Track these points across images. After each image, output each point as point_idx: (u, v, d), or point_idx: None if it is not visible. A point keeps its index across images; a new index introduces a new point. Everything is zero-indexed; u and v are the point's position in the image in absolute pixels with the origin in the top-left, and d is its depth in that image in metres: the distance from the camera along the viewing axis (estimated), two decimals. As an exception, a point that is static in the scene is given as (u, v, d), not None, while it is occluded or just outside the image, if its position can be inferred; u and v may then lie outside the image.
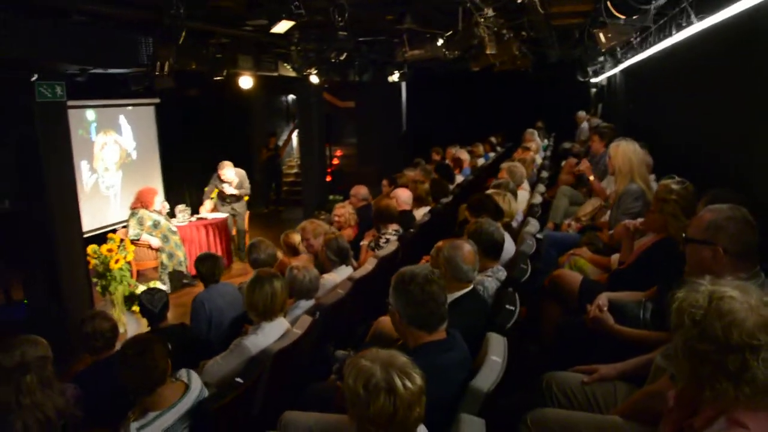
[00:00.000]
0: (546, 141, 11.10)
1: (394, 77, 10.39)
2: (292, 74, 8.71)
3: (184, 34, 5.01)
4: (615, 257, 3.89)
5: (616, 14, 3.88)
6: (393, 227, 5.52)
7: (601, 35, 4.93)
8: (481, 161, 9.91)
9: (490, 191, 5.00)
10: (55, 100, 5.71)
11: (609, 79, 11.17)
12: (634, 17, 4.03)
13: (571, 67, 11.23)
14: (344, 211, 5.89)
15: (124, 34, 5.77)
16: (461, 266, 3.14)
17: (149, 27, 5.52)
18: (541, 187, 6.22)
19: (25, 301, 5.74)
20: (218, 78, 7.29)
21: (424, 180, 6.72)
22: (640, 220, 3.71)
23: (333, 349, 4.06)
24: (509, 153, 10.13)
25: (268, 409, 3.03)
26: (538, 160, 8.60)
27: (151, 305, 3.97)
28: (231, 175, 8.69)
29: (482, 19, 5.00)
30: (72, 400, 3.11)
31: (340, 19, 4.96)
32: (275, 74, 8.58)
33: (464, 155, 8.89)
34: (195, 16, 5.26)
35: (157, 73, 5.50)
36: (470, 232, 3.65)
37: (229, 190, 8.72)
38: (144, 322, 4.34)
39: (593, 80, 11.69)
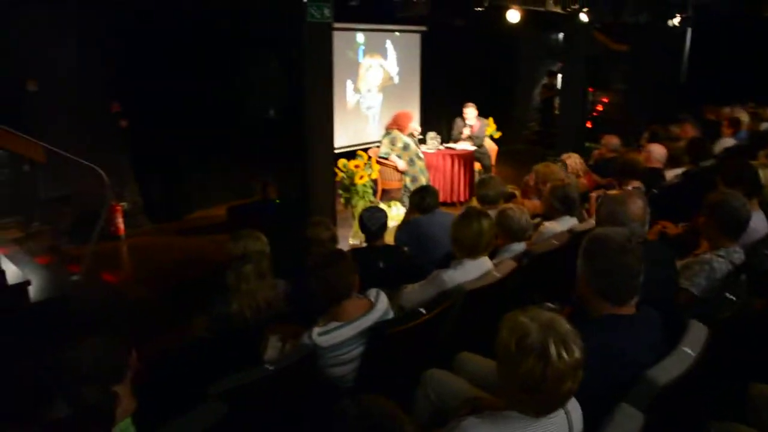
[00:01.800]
0: None
1: (675, 21, 9.26)
2: (559, 10, 8.24)
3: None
4: None
5: None
6: (634, 184, 5.04)
7: None
8: (765, 126, 8.53)
9: (758, 161, 4.30)
10: (323, 21, 6.08)
11: None
12: None
13: None
14: (571, 160, 5.54)
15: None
16: (627, 223, 2.80)
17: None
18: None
19: (277, 201, 6.38)
20: (480, 9, 7.16)
21: (681, 137, 5.99)
22: None
23: (541, 300, 3.89)
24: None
25: (455, 346, 3.00)
26: (842, 131, 7.15)
27: (369, 223, 4.14)
28: (472, 116, 8.85)
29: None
30: (281, 295, 3.41)
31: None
32: (541, 9, 8.18)
33: (743, 116, 7.70)
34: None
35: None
36: (711, 203, 3.18)
37: (466, 132, 8.98)
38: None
39: None
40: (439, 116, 10.76)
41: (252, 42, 6.84)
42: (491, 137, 9.55)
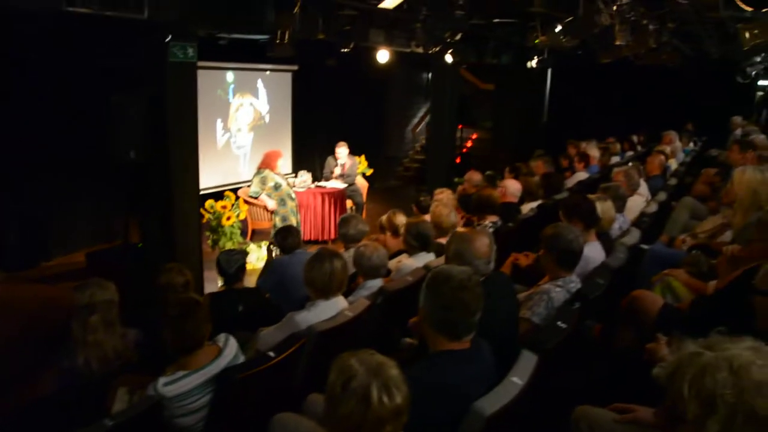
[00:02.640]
0: (691, 145, 10.19)
1: (532, 63, 9.96)
2: (422, 51, 8.59)
3: (299, 3, 5.06)
4: (713, 284, 3.48)
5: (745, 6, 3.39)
6: (491, 219, 5.30)
7: (746, 33, 4.39)
8: (615, 159, 9.28)
9: (594, 195, 4.66)
10: (187, 60, 6.01)
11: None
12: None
13: (733, 67, 10.14)
14: (443, 195, 5.77)
15: (251, 1, 5.96)
16: (472, 261, 2.97)
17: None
18: (662, 195, 5.69)
19: (140, 245, 6.17)
20: (346, 50, 7.35)
21: (535, 172, 6.41)
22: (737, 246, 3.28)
23: (399, 336, 3.98)
24: (649, 154, 9.41)
25: (308, 389, 3.01)
26: (674, 165, 7.90)
27: (226, 266, 4.11)
28: (344, 154, 9.05)
29: (610, 5, 4.58)
30: (131, 344, 3.30)
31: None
32: (406, 50, 8.50)
33: (593, 151, 8.33)
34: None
35: (277, 41, 5.62)
36: (547, 237, 3.41)
37: (337, 171, 9.13)
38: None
39: (763, 82, 10.50)
40: (311, 155, 10.86)
41: (114, 81, 6.63)
42: (363, 175, 9.75)
